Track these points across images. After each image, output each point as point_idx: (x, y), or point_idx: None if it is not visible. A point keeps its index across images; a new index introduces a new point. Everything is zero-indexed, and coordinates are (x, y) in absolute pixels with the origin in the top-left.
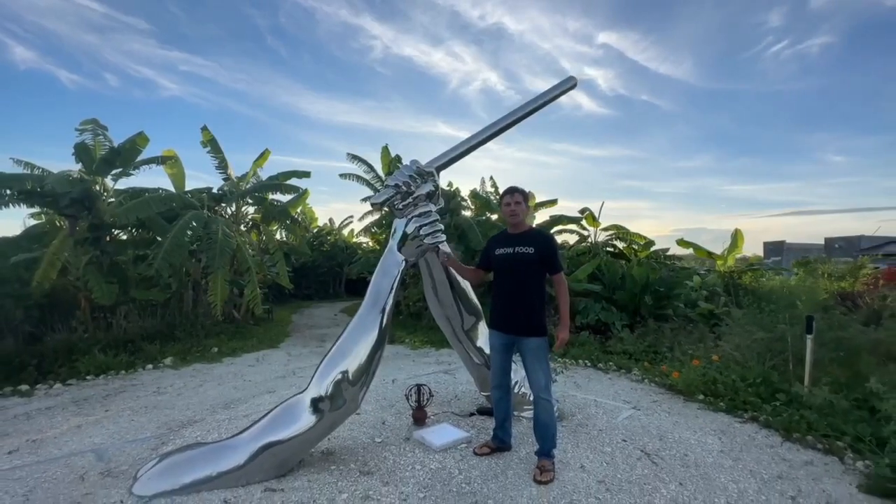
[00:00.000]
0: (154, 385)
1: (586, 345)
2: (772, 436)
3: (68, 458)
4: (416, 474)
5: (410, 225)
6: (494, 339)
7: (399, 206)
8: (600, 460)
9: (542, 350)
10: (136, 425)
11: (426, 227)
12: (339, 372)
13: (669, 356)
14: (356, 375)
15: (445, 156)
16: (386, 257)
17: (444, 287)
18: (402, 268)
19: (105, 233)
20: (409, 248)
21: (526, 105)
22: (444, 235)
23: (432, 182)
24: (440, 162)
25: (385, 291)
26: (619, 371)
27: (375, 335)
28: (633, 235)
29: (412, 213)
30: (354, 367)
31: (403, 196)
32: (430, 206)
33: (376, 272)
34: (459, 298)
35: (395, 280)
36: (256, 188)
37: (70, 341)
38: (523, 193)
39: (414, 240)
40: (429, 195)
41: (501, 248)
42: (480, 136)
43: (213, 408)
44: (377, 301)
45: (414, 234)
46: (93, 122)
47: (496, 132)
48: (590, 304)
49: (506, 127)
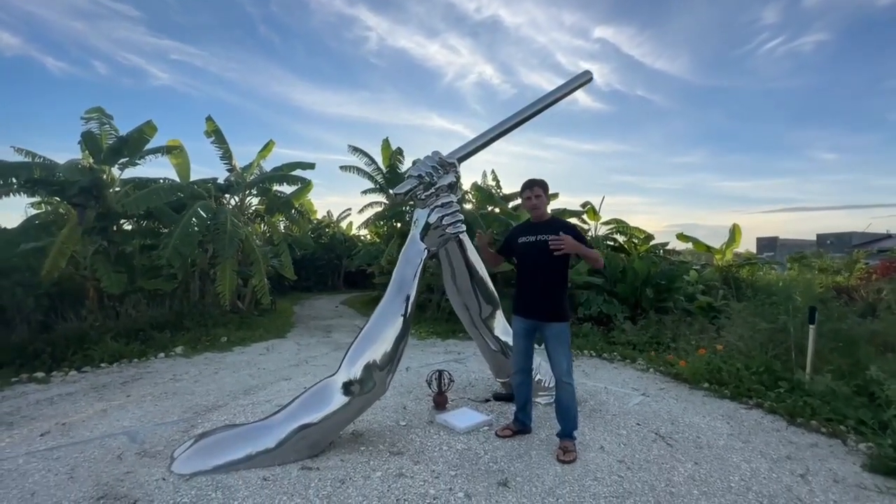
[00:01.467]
0: (169, 372)
1: (590, 336)
2: (777, 420)
3: (101, 439)
4: (444, 454)
5: (433, 215)
6: (517, 324)
7: (421, 196)
8: (617, 441)
9: (563, 335)
10: (161, 409)
11: (448, 216)
12: (368, 357)
13: (673, 346)
14: (384, 360)
15: (466, 147)
16: (408, 247)
17: (464, 276)
18: (424, 257)
19: (112, 222)
20: (431, 237)
21: (543, 98)
22: (464, 225)
23: (454, 173)
24: (461, 153)
25: (409, 280)
26: (623, 361)
27: (401, 322)
28: (632, 230)
29: (434, 203)
30: (381, 352)
31: (426, 186)
32: (451, 196)
33: (399, 261)
34: (478, 287)
35: (417, 269)
36: (262, 179)
37: (81, 330)
38: (543, 186)
39: (436, 229)
40: (450, 186)
41: (524, 237)
42: (499, 129)
43: (233, 394)
44: (401, 289)
45: (436, 223)
46: (98, 110)
47: (514, 125)
48: (592, 297)
49: (523, 120)
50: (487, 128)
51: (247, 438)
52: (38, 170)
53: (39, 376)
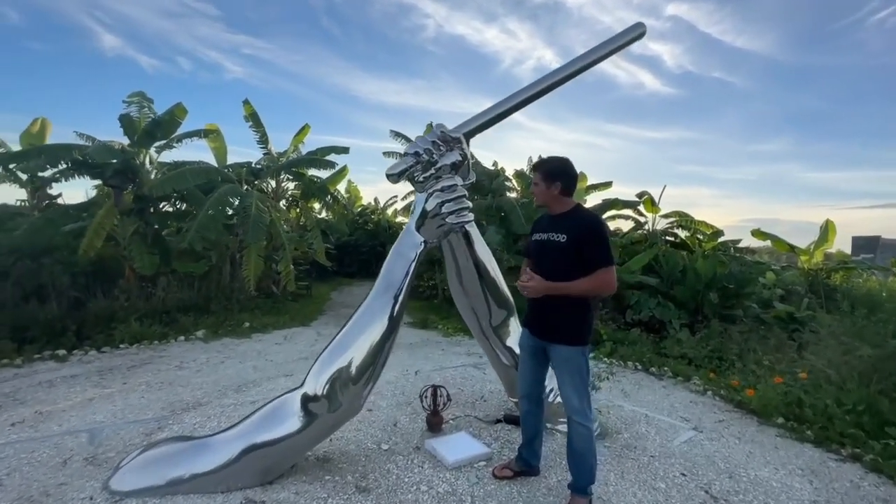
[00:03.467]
0: (179, 359)
1: (637, 344)
2: (884, 484)
3: (63, 436)
4: (419, 497)
5: (431, 201)
6: (525, 338)
7: (419, 178)
8: (651, 499)
9: (574, 363)
10: (144, 403)
11: (450, 203)
12: (339, 368)
13: (739, 365)
14: (359, 373)
15: (478, 119)
16: (402, 238)
17: (471, 275)
18: (421, 250)
19: (149, 204)
20: (428, 227)
21: (583, 56)
22: (471, 214)
23: (459, 150)
24: (471, 126)
25: (399, 277)
26: (675, 379)
27: (385, 326)
28: (698, 224)
29: (433, 187)
30: (358, 362)
31: (425, 166)
32: (456, 178)
33: (390, 255)
34: (488, 289)
35: (410, 265)
36: (293, 163)
37: (111, 309)
38: (545, 169)
39: (434, 218)
40: (454, 166)
41: (538, 234)
42: (526, 93)
43: (224, 389)
44: (389, 287)
45: (435, 211)
46: (139, 94)
47: (545, 89)
48: (643, 299)
49: (558, 82)
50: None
51: (193, 455)
52: (79, 151)
53: (61, 354)
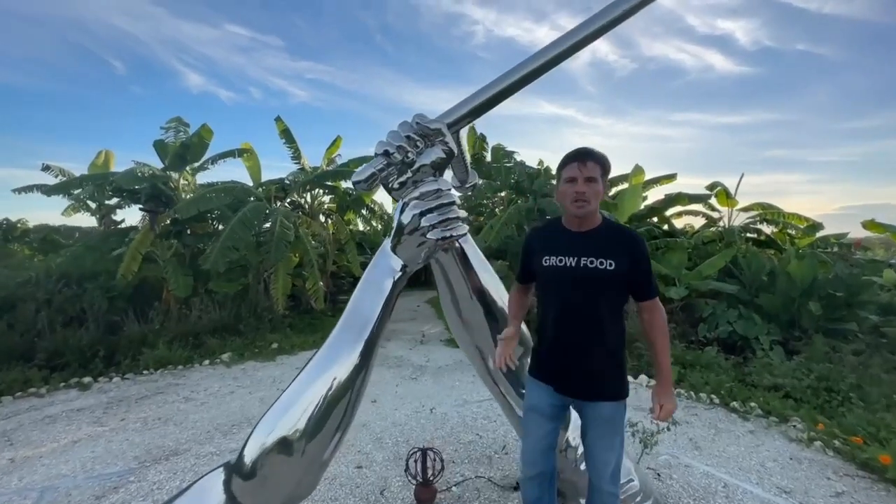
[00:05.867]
0: (192, 387)
1: (713, 368)
2: None
3: (12, 496)
4: None
5: (407, 212)
6: (536, 394)
7: (394, 184)
8: None
9: (617, 420)
10: (122, 450)
11: (431, 213)
12: (286, 437)
13: (858, 402)
14: (315, 445)
15: (469, 102)
16: (375, 262)
17: (471, 304)
18: (399, 277)
19: (185, 227)
20: (406, 246)
21: (595, 19)
22: (463, 226)
23: (442, 145)
24: (459, 113)
25: (371, 313)
26: (766, 419)
27: (346, 376)
28: (788, 217)
29: (410, 193)
30: (311, 430)
31: (400, 169)
32: (441, 181)
33: (361, 282)
34: (495, 320)
35: (385, 296)
36: (321, 176)
37: (142, 333)
38: (605, 161)
39: (412, 234)
40: (435, 165)
41: (554, 256)
42: (520, 73)
43: (212, 432)
44: (356, 326)
45: (412, 224)
46: (177, 119)
47: (552, 59)
48: (720, 310)
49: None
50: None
51: None
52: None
53: (86, 381)
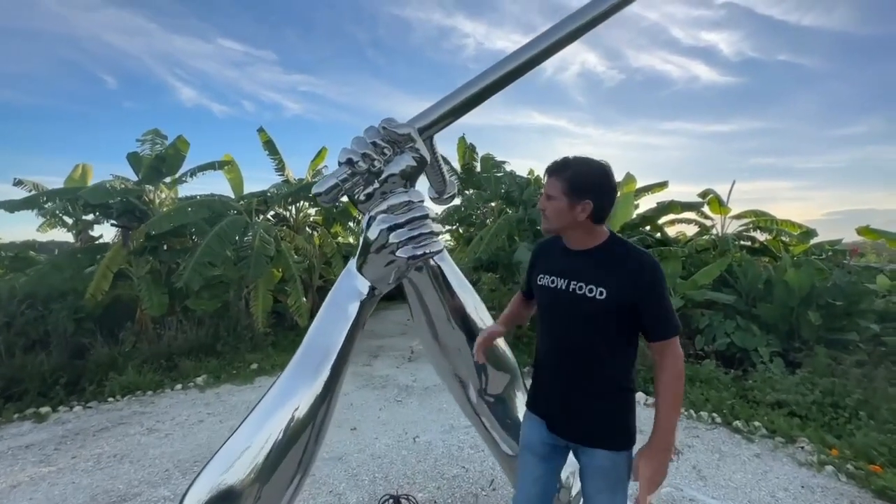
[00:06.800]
0: (158, 417)
1: (712, 384)
2: None
3: None
4: None
5: (373, 227)
6: (529, 430)
7: (360, 196)
8: None
9: (620, 473)
10: (62, 496)
11: (401, 229)
12: (231, 483)
13: (866, 420)
14: (267, 488)
15: (439, 108)
16: (339, 283)
17: (448, 326)
18: (366, 299)
19: (161, 242)
20: (373, 265)
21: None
22: (438, 242)
23: (412, 152)
24: (430, 117)
25: (333, 341)
26: (772, 438)
27: (305, 412)
28: (781, 224)
29: (376, 206)
30: (265, 473)
31: (367, 179)
32: (413, 192)
33: (324, 305)
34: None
35: (350, 322)
36: (303, 188)
37: (112, 356)
38: (568, 176)
39: (380, 252)
40: (404, 175)
41: (548, 276)
42: (496, 73)
43: (171, 470)
44: (313, 354)
45: (380, 241)
46: (153, 131)
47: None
48: (716, 321)
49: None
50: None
51: None
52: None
53: (43, 412)
